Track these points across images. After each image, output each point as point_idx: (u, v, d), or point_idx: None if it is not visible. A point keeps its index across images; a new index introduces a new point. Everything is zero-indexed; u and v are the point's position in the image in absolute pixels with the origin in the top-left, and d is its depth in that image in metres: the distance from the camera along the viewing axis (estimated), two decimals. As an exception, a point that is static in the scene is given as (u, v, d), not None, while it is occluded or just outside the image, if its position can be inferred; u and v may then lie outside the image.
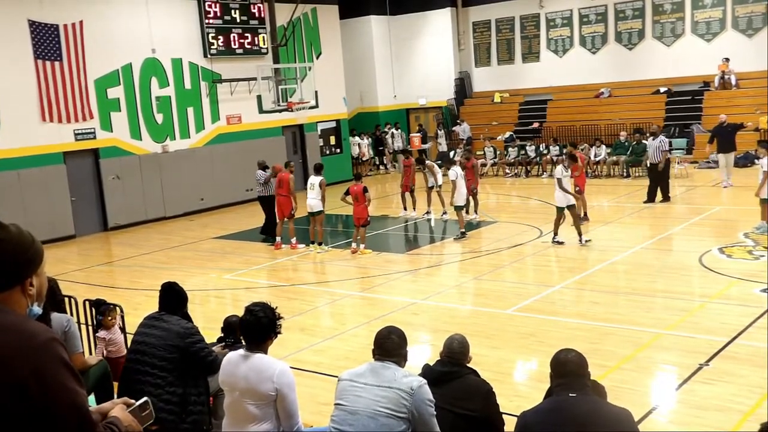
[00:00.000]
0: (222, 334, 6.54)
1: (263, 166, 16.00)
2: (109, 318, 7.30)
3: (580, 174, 15.14)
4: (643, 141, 20.64)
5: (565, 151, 17.93)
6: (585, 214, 15.26)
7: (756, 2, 22.92)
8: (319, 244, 14.58)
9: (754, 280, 10.34)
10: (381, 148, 27.49)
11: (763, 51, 22.59)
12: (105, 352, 7.16)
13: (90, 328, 7.96)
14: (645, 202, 16.92)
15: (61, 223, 17.79)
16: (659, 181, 17.01)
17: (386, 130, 27.85)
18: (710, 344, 8.06)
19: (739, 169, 19.62)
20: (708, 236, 13.57)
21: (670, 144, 19.14)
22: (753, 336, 8.28)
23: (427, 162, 17.64)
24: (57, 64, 17.82)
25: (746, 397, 6.73)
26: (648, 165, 17.77)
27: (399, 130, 27.96)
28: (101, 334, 7.25)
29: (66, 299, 7.33)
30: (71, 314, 7.26)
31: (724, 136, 18.55)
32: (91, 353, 7.59)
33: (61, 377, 2.15)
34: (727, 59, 22.99)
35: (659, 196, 16.97)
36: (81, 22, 18.17)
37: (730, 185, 18.25)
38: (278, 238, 15.06)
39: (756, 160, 18.18)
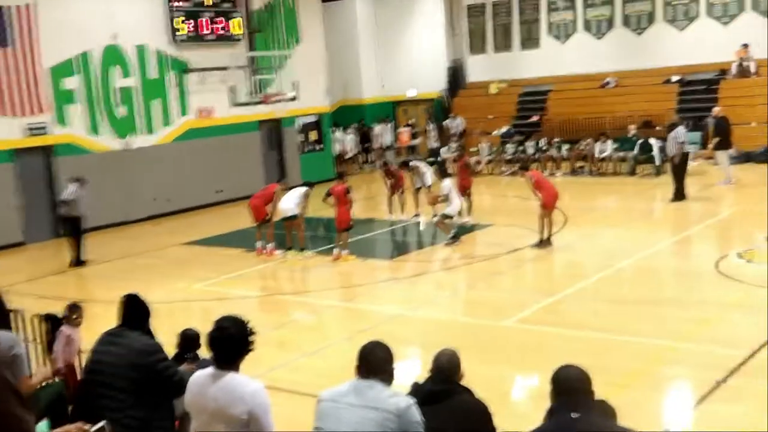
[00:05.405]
0: (178, 350, 6.49)
1: (78, 180, 15.42)
2: (75, 317, 7.58)
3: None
4: (650, 140, 20.71)
5: None
6: (548, 238, 13.67)
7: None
8: (301, 249, 14.54)
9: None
10: (367, 144, 27.46)
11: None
12: (62, 350, 7.33)
13: (39, 345, 7.91)
14: (672, 201, 16.86)
15: (8, 230, 17.61)
16: (675, 177, 16.97)
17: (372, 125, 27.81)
18: (729, 358, 8.09)
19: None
20: (725, 239, 13.63)
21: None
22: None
23: (411, 163, 17.60)
24: (9, 50, 17.67)
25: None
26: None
27: (390, 124, 27.87)
28: (65, 329, 7.44)
29: (12, 313, 7.28)
30: (17, 330, 7.21)
31: (720, 132, 18.52)
32: (45, 365, 7.58)
33: (5, 404, 2.12)
34: (746, 44, 23.12)
35: (671, 194, 17.00)
36: (34, 4, 18.04)
37: (730, 183, 18.08)
38: (258, 243, 15.00)
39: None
